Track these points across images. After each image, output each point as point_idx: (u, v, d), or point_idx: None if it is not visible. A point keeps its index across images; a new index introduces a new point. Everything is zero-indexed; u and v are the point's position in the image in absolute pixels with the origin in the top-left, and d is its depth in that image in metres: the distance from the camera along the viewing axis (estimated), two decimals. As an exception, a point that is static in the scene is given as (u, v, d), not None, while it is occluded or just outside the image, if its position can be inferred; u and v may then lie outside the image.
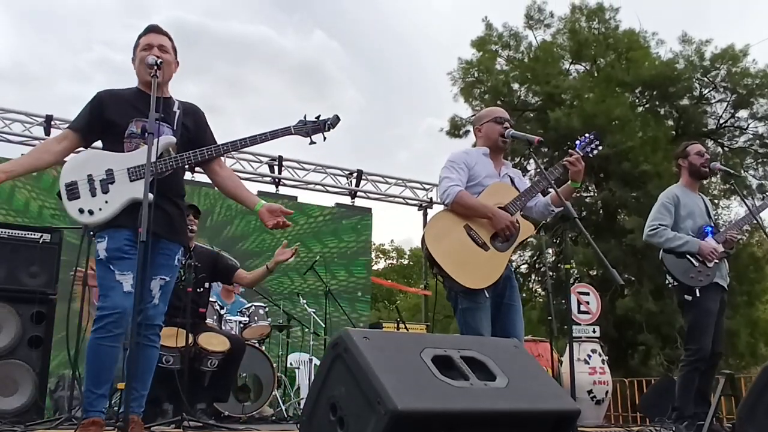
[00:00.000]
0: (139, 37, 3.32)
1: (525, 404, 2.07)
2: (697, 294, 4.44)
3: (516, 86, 16.33)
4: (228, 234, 9.64)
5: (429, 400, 1.88)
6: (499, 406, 1.99)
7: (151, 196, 2.89)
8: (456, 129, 16.18)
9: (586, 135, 3.84)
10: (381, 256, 32.79)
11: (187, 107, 3.39)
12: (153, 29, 3.33)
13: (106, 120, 3.17)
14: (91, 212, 3.03)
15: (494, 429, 1.99)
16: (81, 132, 3.21)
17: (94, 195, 3.05)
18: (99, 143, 3.29)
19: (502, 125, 3.72)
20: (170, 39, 3.35)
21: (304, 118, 3.29)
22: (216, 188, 3.53)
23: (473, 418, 1.94)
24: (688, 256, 4.51)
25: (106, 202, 3.04)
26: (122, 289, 2.96)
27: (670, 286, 4.65)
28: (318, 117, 3.29)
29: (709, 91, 15.51)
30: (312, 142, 3.30)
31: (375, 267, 28.75)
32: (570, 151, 3.68)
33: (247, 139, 3.24)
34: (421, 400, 1.86)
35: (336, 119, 3.32)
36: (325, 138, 3.31)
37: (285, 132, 3.28)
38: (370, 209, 11.09)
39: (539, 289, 16.71)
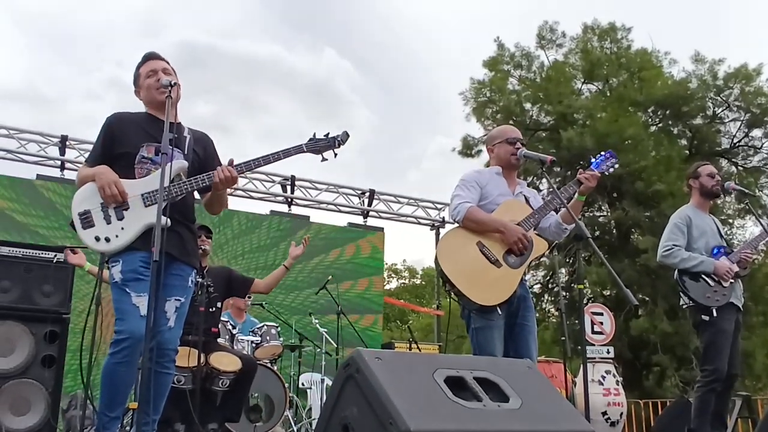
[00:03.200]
0: (138, 67, 3.35)
1: (539, 426, 2.05)
2: (714, 314, 4.40)
3: (528, 106, 16.39)
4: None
5: (442, 422, 1.86)
6: (512, 427, 1.97)
7: (167, 220, 2.90)
8: (468, 149, 16.24)
9: (602, 153, 3.85)
10: (393, 275, 32.76)
11: (197, 134, 3.41)
12: (152, 56, 3.37)
13: (117, 148, 3.19)
14: (107, 239, 3.02)
15: (508, 451, 1.97)
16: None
17: (109, 222, 3.04)
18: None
19: (514, 146, 3.73)
20: (168, 63, 3.38)
21: (314, 135, 3.31)
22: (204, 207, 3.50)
23: (486, 439, 1.92)
24: (703, 276, 4.48)
25: (122, 228, 3.04)
26: (139, 313, 2.93)
27: (685, 306, 4.61)
28: (327, 134, 3.32)
29: (722, 111, 15.50)
30: (324, 159, 3.33)
31: (387, 287, 28.70)
32: (587, 169, 3.68)
33: (260, 159, 3.24)
34: (433, 422, 1.84)
35: (345, 136, 3.35)
36: (336, 155, 3.34)
37: (297, 150, 3.29)
38: (382, 229, 11.06)
39: (552, 310, 16.63)
